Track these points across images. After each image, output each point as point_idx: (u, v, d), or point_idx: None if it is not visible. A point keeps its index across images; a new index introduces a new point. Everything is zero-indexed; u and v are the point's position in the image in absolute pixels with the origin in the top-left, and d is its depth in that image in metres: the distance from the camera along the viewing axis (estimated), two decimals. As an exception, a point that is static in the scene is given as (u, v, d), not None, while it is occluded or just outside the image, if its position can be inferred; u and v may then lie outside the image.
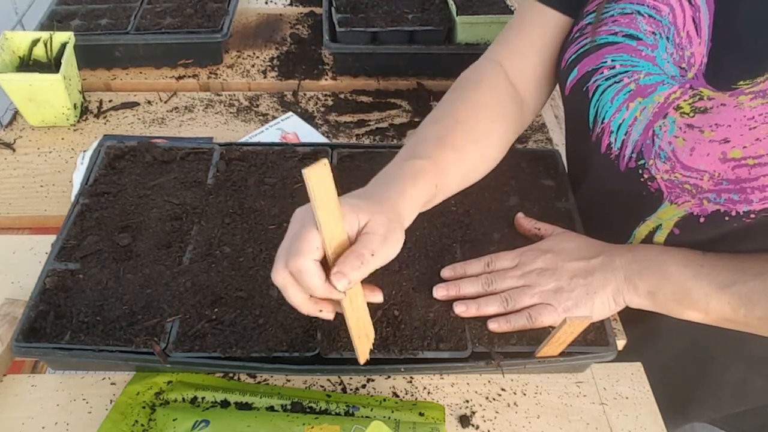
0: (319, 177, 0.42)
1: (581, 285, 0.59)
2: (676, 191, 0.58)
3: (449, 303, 0.61)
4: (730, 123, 0.52)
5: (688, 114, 0.55)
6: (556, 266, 0.60)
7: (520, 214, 0.68)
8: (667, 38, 0.57)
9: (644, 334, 0.70)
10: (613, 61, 0.60)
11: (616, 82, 0.60)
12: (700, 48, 0.56)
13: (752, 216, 0.53)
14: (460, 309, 0.59)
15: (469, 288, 0.61)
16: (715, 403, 0.80)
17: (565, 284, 0.59)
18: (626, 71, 0.59)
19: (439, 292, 0.61)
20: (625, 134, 0.60)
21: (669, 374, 0.71)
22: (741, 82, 0.52)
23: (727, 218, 0.55)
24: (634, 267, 0.59)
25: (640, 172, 0.60)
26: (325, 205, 0.44)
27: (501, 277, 0.61)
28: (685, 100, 0.56)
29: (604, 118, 0.62)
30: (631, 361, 0.64)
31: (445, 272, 0.63)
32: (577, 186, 0.74)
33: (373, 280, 0.62)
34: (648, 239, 0.64)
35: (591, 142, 0.65)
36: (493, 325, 0.59)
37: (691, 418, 0.83)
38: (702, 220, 0.57)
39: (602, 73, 0.60)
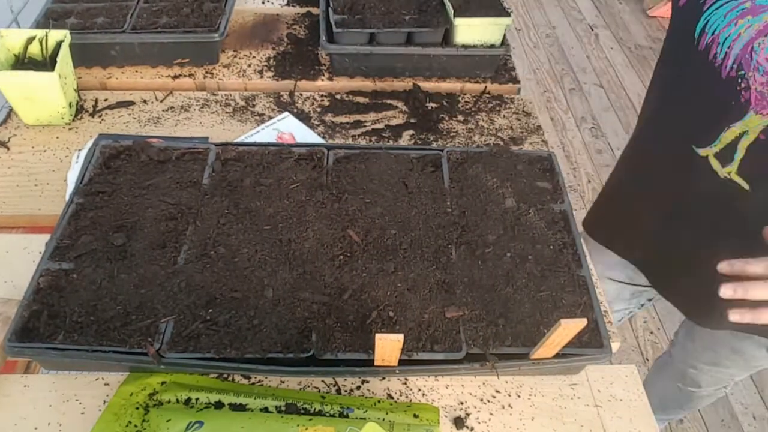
0: None
1: None
2: (763, 103, 0.64)
3: (443, 305, 0.61)
4: None
5: None
6: None
7: None
8: None
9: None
10: None
11: None
12: None
13: None
14: (735, 317, 0.58)
15: (759, 292, 0.58)
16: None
17: None
18: None
19: (726, 292, 0.58)
20: (728, 47, 0.66)
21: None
22: None
23: None
24: None
25: (739, 81, 0.66)
26: None
27: None
28: None
29: (714, 30, 0.67)
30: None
31: (723, 267, 0.60)
32: (661, 92, 0.81)
33: (368, 281, 0.63)
34: (734, 143, 0.70)
35: (698, 50, 0.70)
36: (736, 317, 0.58)
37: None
38: None
39: None
